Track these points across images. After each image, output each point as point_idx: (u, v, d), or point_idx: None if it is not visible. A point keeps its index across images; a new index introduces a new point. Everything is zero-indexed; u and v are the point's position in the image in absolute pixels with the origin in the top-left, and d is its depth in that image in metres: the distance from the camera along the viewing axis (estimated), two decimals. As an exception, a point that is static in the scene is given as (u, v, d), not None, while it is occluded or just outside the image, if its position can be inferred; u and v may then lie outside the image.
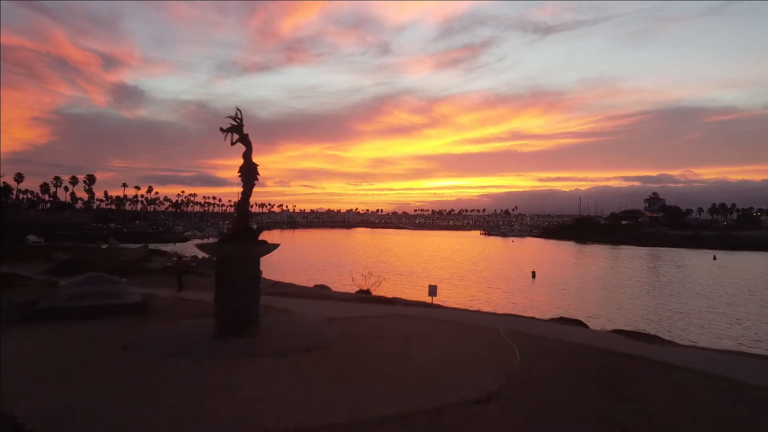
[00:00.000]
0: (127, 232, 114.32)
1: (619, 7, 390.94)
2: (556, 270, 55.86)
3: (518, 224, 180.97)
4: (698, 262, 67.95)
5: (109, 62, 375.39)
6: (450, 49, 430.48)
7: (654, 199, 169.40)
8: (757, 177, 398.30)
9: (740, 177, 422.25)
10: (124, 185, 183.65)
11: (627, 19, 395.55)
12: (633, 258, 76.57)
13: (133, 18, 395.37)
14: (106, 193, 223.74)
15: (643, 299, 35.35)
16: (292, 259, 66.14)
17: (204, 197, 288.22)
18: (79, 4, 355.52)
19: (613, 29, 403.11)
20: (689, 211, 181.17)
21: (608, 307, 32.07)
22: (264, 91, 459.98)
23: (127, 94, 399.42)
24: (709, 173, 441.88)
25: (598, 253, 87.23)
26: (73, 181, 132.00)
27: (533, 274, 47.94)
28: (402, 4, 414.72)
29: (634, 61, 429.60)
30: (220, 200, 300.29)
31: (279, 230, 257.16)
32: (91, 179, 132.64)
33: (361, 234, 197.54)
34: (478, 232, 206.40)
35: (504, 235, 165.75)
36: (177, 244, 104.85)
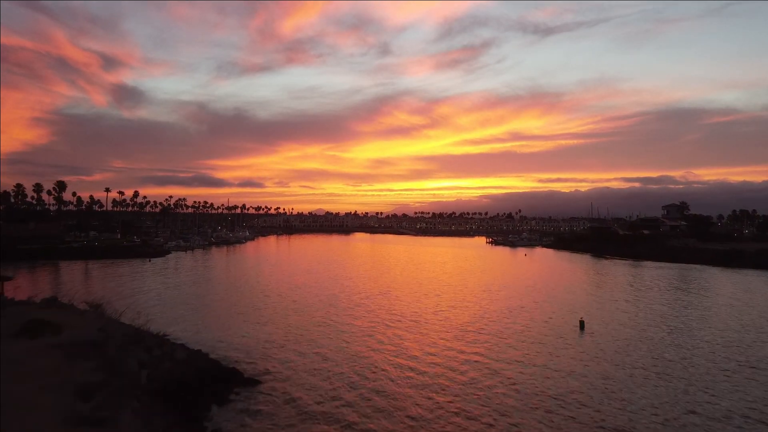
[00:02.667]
0: (98, 246, 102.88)
1: (619, 8, 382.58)
2: (600, 309, 44.63)
3: (527, 232, 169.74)
4: None
5: (110, 63, 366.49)
6: (450, 50, 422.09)
7: (679, 207, 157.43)
8: (758, 178, 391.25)
9: (741, 178, 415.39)
10: (107, 189, 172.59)
11: (627, 21, 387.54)
12: (676, 287, 65.39)
13: (134, 18, 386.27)
14: (92, 197, 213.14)
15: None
16: (257, 289, 54.53)
17: (195, 201, 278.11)
18: (79, 4, 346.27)
19: (612, 30, 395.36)
20: (708, 218, 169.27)
21: None
22: (264, 92, 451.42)
23: (127, 94, 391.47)
24: (709, 174, 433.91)
25: (627, 274, 75.94)
26: (38, 188, 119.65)
27: (581, 325, 36.65)
28: (402, 4, 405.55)
29: (634, 62, 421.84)
30: (211, 204, 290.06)
31: (275, 236, 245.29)
32: (61, 186, 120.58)
33: (360, 242, 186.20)
34: (483, 240, 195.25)
35: (513, 244, 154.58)
36: (152, 260, 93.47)
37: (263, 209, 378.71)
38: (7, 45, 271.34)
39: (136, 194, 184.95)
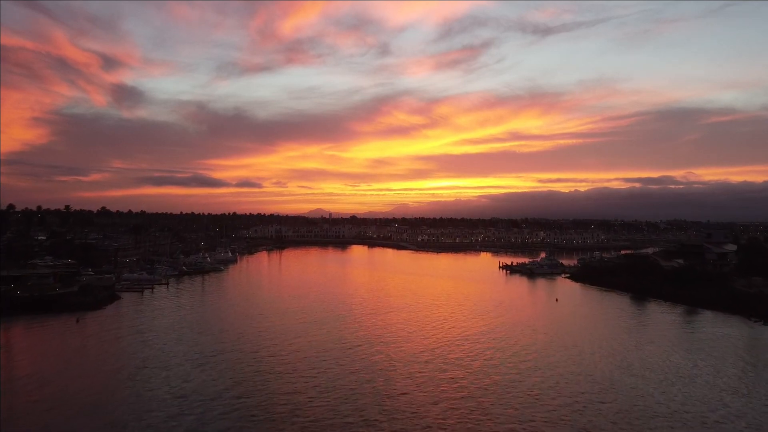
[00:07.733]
0: (20, 296, 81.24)
1: (618, 8, 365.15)
2: None
3: (547, 256, 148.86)
4: None
5: (109, 63, 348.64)
6: (449, 50, 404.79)
7: (724, 230, 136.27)
8: (758, 178, 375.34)
9: (741, 178, 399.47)
10: (67, 207, 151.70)
11: (626, 21, 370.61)
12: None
13: (133, 19, 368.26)
14: (59, 211, 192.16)
15: None
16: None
17: (181, 212, 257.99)
18: (79, 4, 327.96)
19: (612, 30, 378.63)
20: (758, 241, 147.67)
21: None
22: (264, 92, 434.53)
23: (126, 94, 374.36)
24: (709, 174, 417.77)
25: (727, 345, 54.70)
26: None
27: None
28: (402, 5, 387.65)
29: (633, 62, 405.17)
30: (198, 215, 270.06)
31: (266, 252, 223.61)
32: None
33: (357, 267, 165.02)
34: (493, 260, 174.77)
35: (531, 273, 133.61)
36: (82, 318, 71.97)
37: (258, 214, 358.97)
38: (7, 45, 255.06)
39: (104, 209, 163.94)
